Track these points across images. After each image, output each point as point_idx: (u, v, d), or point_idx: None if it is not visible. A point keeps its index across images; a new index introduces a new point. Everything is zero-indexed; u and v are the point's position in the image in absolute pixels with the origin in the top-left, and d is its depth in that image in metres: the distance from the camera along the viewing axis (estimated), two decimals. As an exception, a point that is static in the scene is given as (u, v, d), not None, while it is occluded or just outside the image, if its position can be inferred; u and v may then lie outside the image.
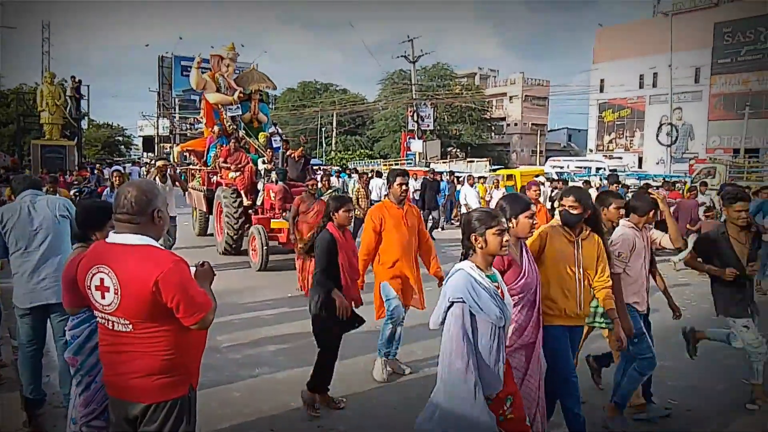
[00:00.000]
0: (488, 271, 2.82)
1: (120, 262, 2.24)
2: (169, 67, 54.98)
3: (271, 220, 9.72)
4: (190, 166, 14.37)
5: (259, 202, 10.59)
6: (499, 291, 2.77)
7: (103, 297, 2.26)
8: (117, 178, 9.18)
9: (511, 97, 57.05)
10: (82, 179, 20.44)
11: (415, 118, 37.96)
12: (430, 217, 14.42)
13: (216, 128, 11.97)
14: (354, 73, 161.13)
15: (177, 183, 9.66)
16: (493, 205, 13.62)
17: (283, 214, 9.40)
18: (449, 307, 2.70)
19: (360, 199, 11.86)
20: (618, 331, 3.60)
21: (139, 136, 63.80)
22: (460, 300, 2.66)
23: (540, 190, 8.21)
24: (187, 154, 14.33)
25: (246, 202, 10.58)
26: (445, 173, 22.31)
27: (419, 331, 5.50)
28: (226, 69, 12.54)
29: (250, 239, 9.79)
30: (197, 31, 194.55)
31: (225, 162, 11.06)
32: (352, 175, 20.04)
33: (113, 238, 2.32)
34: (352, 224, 11.04)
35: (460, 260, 2.86)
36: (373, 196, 18.78)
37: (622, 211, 4.01)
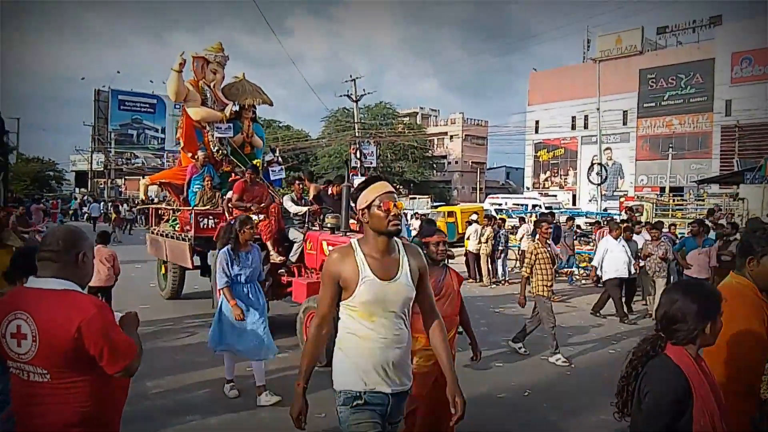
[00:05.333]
0: None
1: (39, 308, 2.14)
2: (106, 101, 53.75)
3: None
4: (156, 204, 11.45)
5: (294, 259, 7.62)
6: None
7: (19, 345, 2.14)
8: (248, 232, 5.36)
9: (451, 136, 58.63)
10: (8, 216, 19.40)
11: (359, 155, 38.25)
12: None
13: (200, 154, 9.28)
14: (297, 110, 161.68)
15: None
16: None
17: None
18: None
19: (540, 266, 6.95)
20: None
21: (72, 171, 61.44)
22: None
23: None
24: (159, 189, 11.48)
25: (277, 258, 7.61)
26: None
27: None
28: (213, 76, 9.80)
29: (303, 319, 6.55)
30: (135, 66, 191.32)
31: (241, 200, 8.15)
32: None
33: (33, 282, 2.23)
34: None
35: None
36: (470, 246, 13.22)
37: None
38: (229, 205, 8.35)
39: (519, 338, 7.27)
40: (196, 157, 9.36)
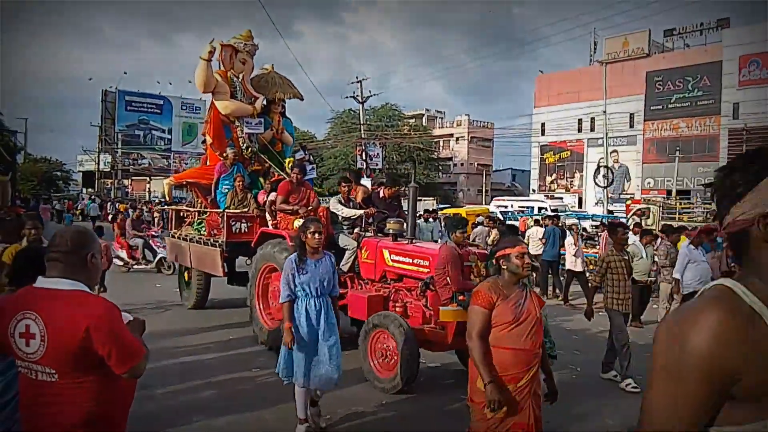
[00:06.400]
0: None
1: (48, 308, 2.15)
2: (113, 102, 54.07)
3: (440, 309, 5.48)
4: (179, 205, 10.71)
5: (345, 268, 6.73)
6: None
7: (27, 344, 2.16)
8: (311, 237, 4.70)
9: (457, 138, 58.64)
10: (16, 216, 19.53)
11: (364, 157, 38.27)
12: None
13: (229, 152, 8.64)
14: (303, 111, 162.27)
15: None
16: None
17: (460, 298, 5.38)
18: None
19: (612, 277, 6.33)
20: None
21: (79, 171, 61.84)
22: None
23: None
24: (186, 189, 10.41)
25: None
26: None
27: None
28: (242, 67, 9.04)
29: (368, 342, 5.83)
30: (142, 67, 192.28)
31: (286, 202, 7.37)
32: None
33: (42, 282, 2.24)
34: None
35: None
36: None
37: None
38: (273, 207, 7.67)
39: (610, 368, 6.43)
40: (225, 155, 8.71)
